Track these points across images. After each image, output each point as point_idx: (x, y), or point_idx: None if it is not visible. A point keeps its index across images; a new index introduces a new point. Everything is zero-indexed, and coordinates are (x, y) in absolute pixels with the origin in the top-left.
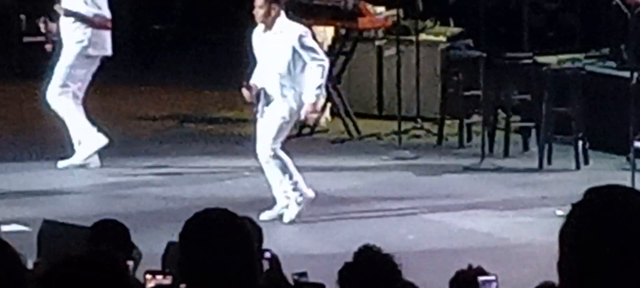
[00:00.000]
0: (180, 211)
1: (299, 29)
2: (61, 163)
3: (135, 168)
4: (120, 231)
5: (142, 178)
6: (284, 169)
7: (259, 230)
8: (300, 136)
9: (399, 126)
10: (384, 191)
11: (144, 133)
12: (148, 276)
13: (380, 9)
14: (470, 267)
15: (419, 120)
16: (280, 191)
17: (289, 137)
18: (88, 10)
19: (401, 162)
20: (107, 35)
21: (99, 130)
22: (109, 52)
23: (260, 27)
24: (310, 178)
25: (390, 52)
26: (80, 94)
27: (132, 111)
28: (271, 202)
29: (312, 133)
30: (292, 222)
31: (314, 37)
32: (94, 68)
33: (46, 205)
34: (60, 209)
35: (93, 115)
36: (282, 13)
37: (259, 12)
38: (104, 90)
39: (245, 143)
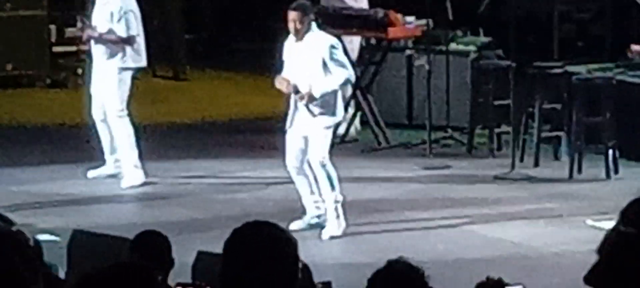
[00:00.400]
0: (210, 221)
1: (330, 40)
2: (91, 173)
3: (165, 178)
4: (161, 242)
5: (171, 188)
6: (330, 180)
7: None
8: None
9: (429, 135)
10: (413, 200)
11: (172, 142)
12: None
13: (410, 18)
14: (488, 278)
15: (449, 129)
16: (311, 201)
17: None
18: (118, 30)
19: (431, 172)
20: (141, 46)
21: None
22: (144, 63)
23: (291, 37)
24: (342, 190)
25: (420, 61)
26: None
27: (163, 120)
28: (301, 212)
29: (342, 142)
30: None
31: (345, 49)
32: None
33: (76, 214)
34: (90, 219)
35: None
36: (313, 24)
37: (291, 24)
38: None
39: (274, 154)
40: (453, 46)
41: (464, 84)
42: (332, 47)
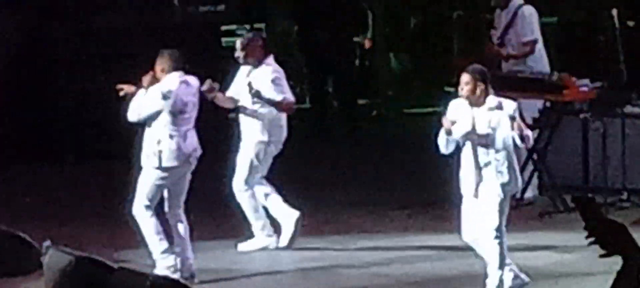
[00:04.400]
0: None
1: (512, 105)
2: (242, 247)
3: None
4: None
5: (327, 254)
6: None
7: None
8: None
9: (605, 199)
10: (592, 266)
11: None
12: None
13: (585, 81)
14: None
15: (625, 192)
16: (495, 271)
17: None
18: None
19: None
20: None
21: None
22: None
23: (463, 101)
24: (517, 254)
25: (595, 124)
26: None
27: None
28: (483, 279)
29: (518, 207)
30: None
31: (521, 113)
32: None
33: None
34: None
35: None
36: (491, 89)
37: (464, 88)
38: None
39: (453, 220)
40: (629, 108)
41: None
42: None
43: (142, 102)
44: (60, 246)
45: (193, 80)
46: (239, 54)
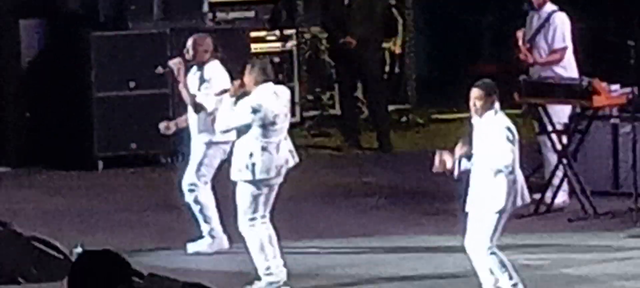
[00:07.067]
0: None
1: (507, 122)
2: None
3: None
4: None
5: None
6: (502, 266)
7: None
8: (537, 214)
9: (635, 203)
10: (621, 270)
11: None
12: None
13: (615, 86)
14: None
15: None
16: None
17: (521, 216)
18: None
19: (638, 241)
20: None
21: None
22: None
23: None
24: (548, 258)
25: (625, 129)
26: None
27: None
28: None
29: (549, 211)
30: None
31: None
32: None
33: None
34: None
35: None
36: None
37: (476, 103)
38: None
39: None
40: None
41: None
42: (508, 128)
43: (232, 115)
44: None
45: (283, 91)
46: (187, 54)
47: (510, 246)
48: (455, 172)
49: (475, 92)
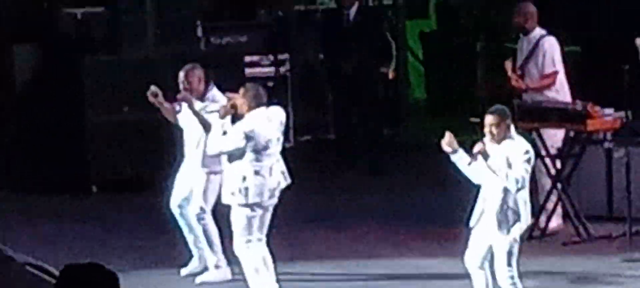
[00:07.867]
0: None
1: (526, 145)
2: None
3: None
4: None
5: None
6: None
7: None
8: (531, 239)
9: (629, 228)
10: None
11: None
12: None
13: (609, 110)
14: None
15: None
16: None
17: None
18: None
19: (632, 265)
20: None
21: None
22: None
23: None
24: (542, 282)
25: (619, 153)
26: None
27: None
28: None
29: (543, 235)
30: None
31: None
32: None
33: None
34: None
35: None
36: (512, 128)
37: (492, 130)
38: None
39: None
40: None
41: None
42: (527, 151)
43: (225, 140)
44: None
45: (276, 113)
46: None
47: None
48: (468, 160)
49: (490, 119)
